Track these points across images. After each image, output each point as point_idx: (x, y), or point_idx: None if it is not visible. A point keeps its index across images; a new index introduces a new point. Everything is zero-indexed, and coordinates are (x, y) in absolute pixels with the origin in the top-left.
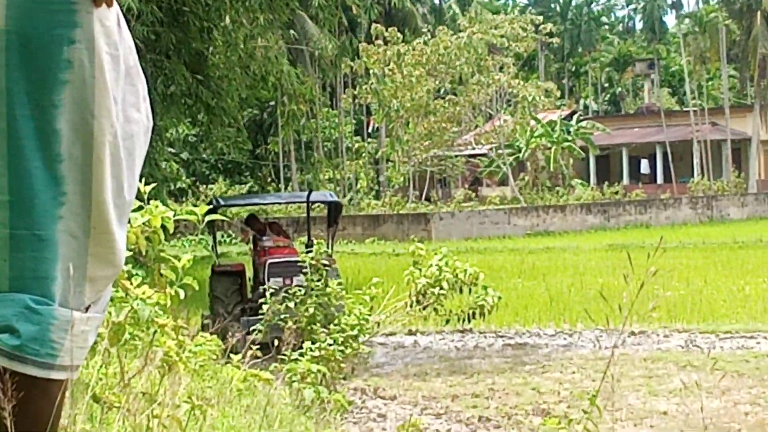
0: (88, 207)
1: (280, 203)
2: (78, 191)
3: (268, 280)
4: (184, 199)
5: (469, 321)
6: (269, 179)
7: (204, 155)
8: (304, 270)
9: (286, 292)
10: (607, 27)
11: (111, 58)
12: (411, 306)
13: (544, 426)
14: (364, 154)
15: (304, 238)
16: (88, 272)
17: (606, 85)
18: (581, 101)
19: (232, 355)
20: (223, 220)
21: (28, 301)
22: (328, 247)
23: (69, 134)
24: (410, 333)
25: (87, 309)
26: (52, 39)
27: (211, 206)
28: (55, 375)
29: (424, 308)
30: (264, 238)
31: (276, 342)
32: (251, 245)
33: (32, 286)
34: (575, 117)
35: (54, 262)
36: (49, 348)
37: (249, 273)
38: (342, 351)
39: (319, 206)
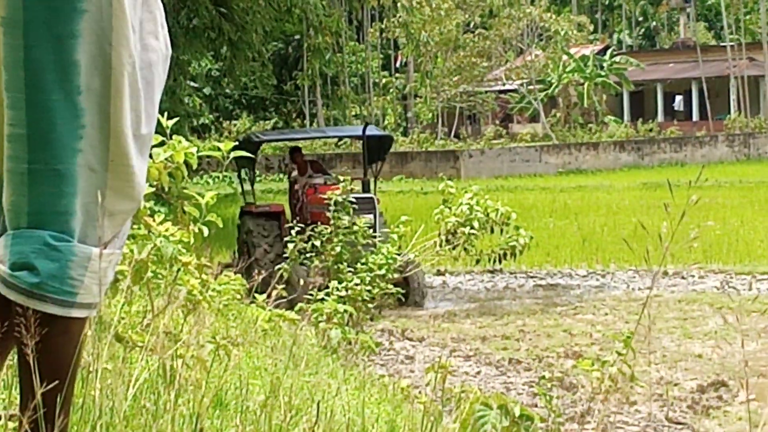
0: (106, 140)
1: (326, 137)
2: (96, 124)
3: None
4: (207, 135)
5: (500, 261)
6: (294, 115)
7: (227, 90)
8: (369, 209)
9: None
10: None
11: None
12: (440, 245)
13: (576, 368)
14: (391, 90)
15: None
16: (108, 206)
17: (640, 19)
18: (615, 36)
19: (256, 295)
20: (249, 157)
21: (47, 237)
22: (371, 186)
23: (87, 65)
24: (439, 273)
25: (106, 245)
26: None
27: (248, 141)
28: (76, 313)
29: (453, 248)
30: (315, 174)
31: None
32: (292, 183)
33: (51, 221)
34: (608, 52)
35: (73, 196)
36: (69, 286)
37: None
38: (369, 291)
39: (346, 142)
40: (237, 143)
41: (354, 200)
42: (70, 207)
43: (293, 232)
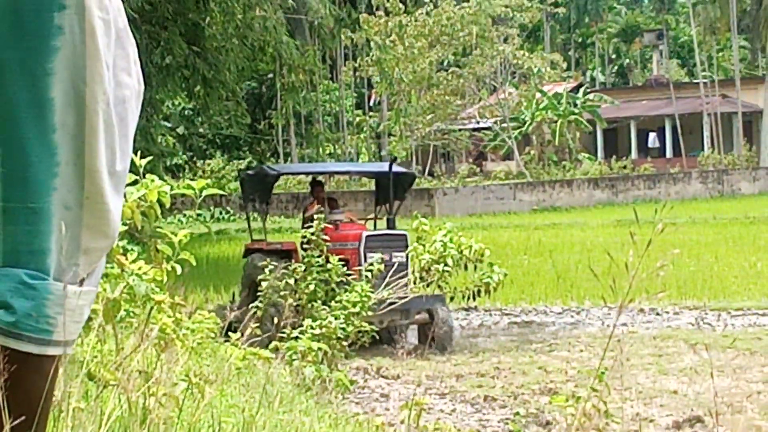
0: (81, 177)
1: (347, 173)
2: (71, 161)
3: (364, 257)
4: (180, 174)
5: (474, 298)
6: (268, 154)
7: (201, 129)
8: (402, 246)
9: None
10: None
11: (102, 23)
12: (414, 283)
13: (551, 404)
14: (365, 128)
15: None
16: (82, 244)
17: (613, 56)
18: (588, 73)
19: (230, 334)
20: (262, 191)
21: (23, 276)
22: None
23: (62, 103)
24: None
25: (81, 282)
26: (42, 5)
27: (262, 174)
28: (51, 351)
29: (428, 285)
30: (336, 211)
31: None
32: (307, 219)
33: (27, 260)
34: (582, 89)
35: (48, 234)
36: (45, 324)
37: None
38: (343, 329)
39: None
40: (246, 176)
41: (384, 238)
42: (45, 245)
43: (266, 270)
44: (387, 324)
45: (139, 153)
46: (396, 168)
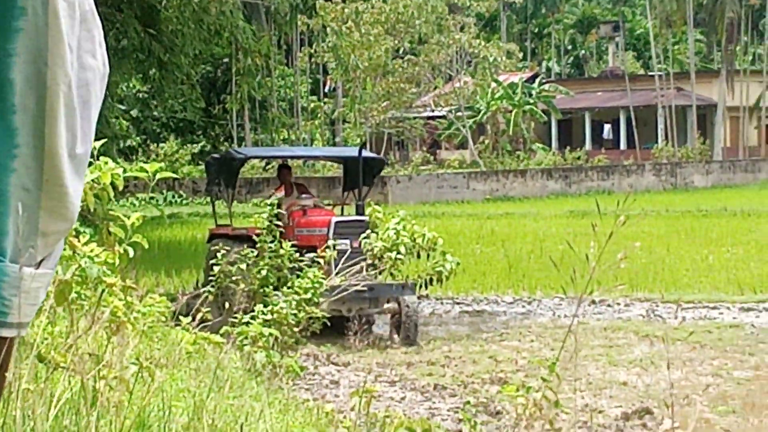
0: (41, 159)
1: (315, 158)
2: (31, 143)
3: (333, 244)
4: (134, 157)
5: (426, 287)
6: (222, 138)
7: (155, 113)
8: (365, 231)
9: (352, 255)
10: None
11: (66, 4)
12: (366, 270)
13: (501, 393)
14: (320, 115)
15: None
16: (40, 226)
17: (569, 47)
18: (544, 64)
19: (181, 318)
20: (227, 175)
21: None
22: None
23: (22, 84)
24: None
25: (38, 265)
26: None
27: (229, 158)
28: (5, 332)
29: (380, 273)
30: (304, 196)
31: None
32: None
33: None
34: (537, 80)
35: (5, 216)
36: (0, 306)
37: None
38: (295, 315)
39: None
40: (212, 159)
41: (354, 224)
42: (3, 227)
43: (218, 254)
44: (355, 312)
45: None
46: (365, 153)
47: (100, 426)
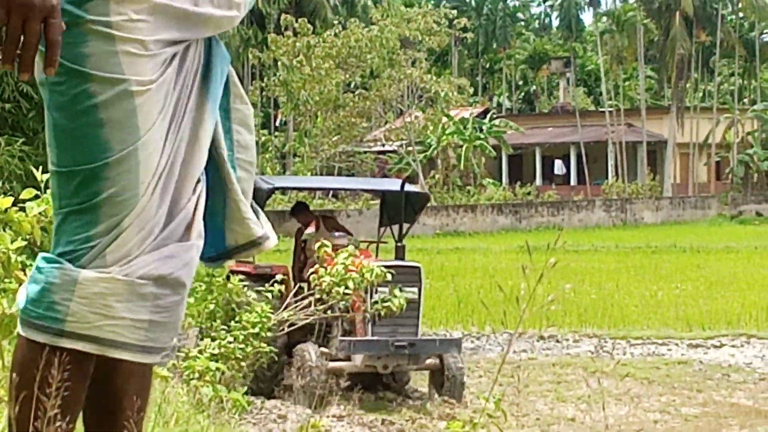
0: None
1: (352, 189)
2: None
3: (371, 292)
4: None
5: (375, 323)
6: None
7: None
8: (414, 280)
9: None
10: (522, 23)
11: None
12: (314, 305)
13: (448, 430)
14: (270, 148)
15: None
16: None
17: (520, 83)
18: (495, 99)
19: None
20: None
21: (40, 260)
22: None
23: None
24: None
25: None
26: None
27: (257, 188)
28: (66, 343)
29: (329, 308)
30: (337, 234)
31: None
32: (302, 242)
33: (53, 243)
34: (488, 115)
35: (93, 225)
36: (52, 311)
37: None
38: (242, 349)
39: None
40: None
41: (394, 271)
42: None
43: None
44: (392, 369)
45: (40, 168)
46: (408, 187)
47: None
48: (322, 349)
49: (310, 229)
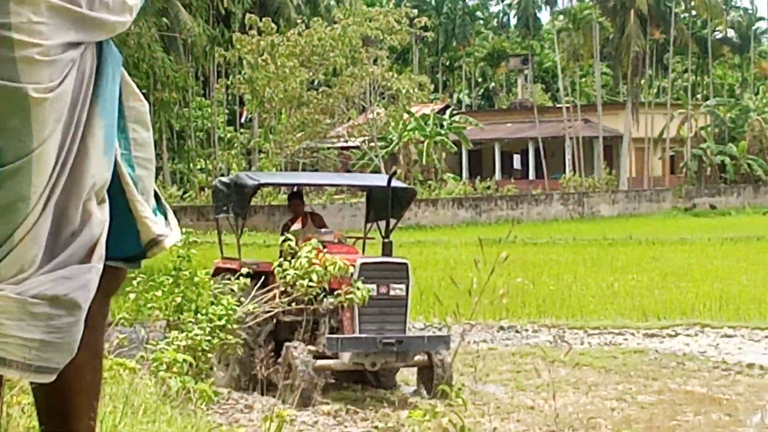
0: None
1: (337, 185)
2: None
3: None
4: None
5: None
6: None
7: None
8: (402, 276)
9: (380, 302)
10: (481, 22)
11: None
12: (278, 298)
13: (409, 418)
14: (236, 145)
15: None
16: None
17: (480, 79)
18: (455, 95)
19: None
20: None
21: None
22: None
23: None
24: None
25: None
26: None
27: (239, 184)
28: None
29: (292, 301)
30: (322, 230)
31: None
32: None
33: None
34: (448, 111)
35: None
36: None
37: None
38: (209, 341)
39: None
40: (220, 184)
41: (382, 266)
42: None
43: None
44: (380, 366)
45: None
46: (395, 182)
47: None
48: (309, 347)
49: (297, 226)
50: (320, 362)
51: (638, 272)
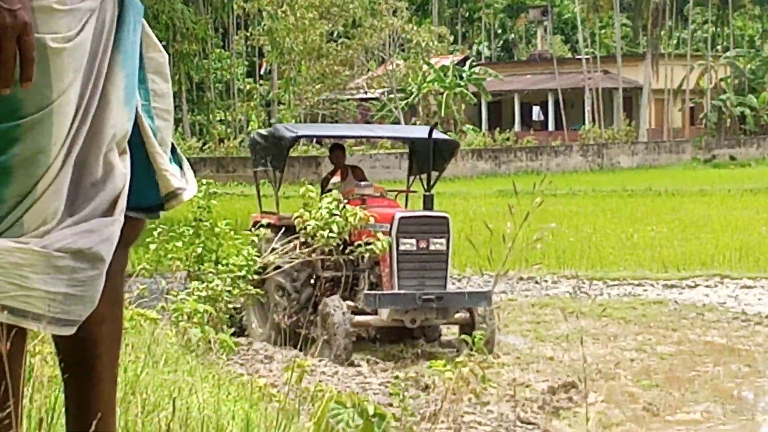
0: None
1: (378, 137)
2: None
3: (397, 243)
4: None
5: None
6: None
7: None
8: (443, 231)
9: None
10: None
11: None
12: (299, 248)
13: (430, 368)
14: (255, 96)
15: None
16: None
17: (499, 31)
18: (474, 47)
19: None
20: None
21: None
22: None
23: None
24: None
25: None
26: None
27: (277, 136)
28: None
29: (313, 251)
30: (362, 183)
31: None
32: (329, 191)
33: None
34: (468, 62)
35: (6, 187)
36: None
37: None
38: (230, 292)
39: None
40: (258, 136)
41: (422, 220)
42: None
43: (155, 233)
44: (420, 323)
45: None
46: (437, 134)
47: (35, 400)
48: (348, 302)
49: (336, 178)
50: (358, 318)
51: (658, 223)
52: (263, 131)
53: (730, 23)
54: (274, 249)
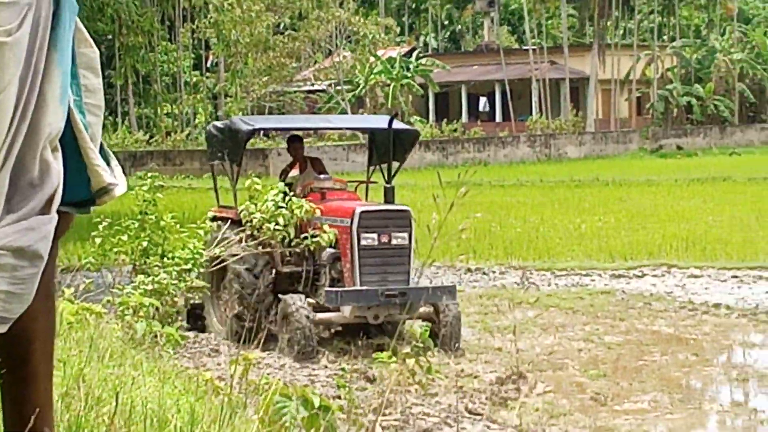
0: None
1: (336, 129)
2: None
3: (358, 237)
4: None
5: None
6: (107, 113)
7: None
8: (404, 225)
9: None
10: None
11: None
12: (245, 241)
13: (376, 360)
14: (202, 89)
15: None
16: None
17: (446, 22)
18: (421, 38)
19: (64, 289)
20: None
21: None
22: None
23: None
24: None
25: None
26: None
27: (233, 129)
28: None
29: (259, 244)
30: (322, 176)
31: None
32: (287, 184)
33: None
34: (415, 54)
35: None
36: None
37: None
38: (176, 285)
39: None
40: (214, 129)
41: (383, 214)
42: None
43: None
44: (383, 319)
45: None
46: (397, 124)
47: None
48: (309, 299)
49: (295, 171)
50: (320, 315)
51: (605, 213)
52: (219, 124)
53: (677, 13)
54: (221, 241)
